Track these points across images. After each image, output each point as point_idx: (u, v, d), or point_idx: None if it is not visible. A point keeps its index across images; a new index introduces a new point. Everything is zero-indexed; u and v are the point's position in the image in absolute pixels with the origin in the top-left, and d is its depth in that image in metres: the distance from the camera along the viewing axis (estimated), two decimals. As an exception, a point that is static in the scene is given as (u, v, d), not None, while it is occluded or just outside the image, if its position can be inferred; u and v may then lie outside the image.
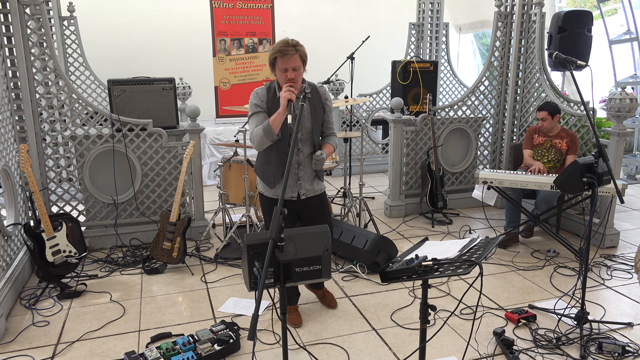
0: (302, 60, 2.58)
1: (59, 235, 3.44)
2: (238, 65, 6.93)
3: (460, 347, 2.77)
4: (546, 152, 4.34)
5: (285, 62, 2.53)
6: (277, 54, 2.53)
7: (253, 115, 2.69)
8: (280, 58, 2.53)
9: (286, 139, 2.68)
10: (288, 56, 2.52)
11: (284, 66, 2.54)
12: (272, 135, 2.56)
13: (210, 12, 6.73)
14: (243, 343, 2.80)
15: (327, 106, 2.82)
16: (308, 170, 2.81)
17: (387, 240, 3.82)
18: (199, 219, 4.47)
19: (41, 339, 2.90)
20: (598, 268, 3.82)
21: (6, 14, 3.59)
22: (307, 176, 2.81)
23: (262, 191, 2.87)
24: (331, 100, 2.85)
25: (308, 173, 2.81)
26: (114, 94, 4.17)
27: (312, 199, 2.86)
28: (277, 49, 2.54)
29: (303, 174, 2.80)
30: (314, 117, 2.74)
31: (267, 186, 2.81)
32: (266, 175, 2.80)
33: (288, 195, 2.80)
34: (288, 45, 2.53)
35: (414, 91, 6.13)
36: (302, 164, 2.78)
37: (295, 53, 2.53)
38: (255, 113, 2.68)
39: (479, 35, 9.55)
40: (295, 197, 2.81)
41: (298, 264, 1.78)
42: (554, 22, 5.02)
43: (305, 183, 2.81)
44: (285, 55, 2.52)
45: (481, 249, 1.98)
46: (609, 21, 7.42)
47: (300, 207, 2.86)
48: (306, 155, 2.78)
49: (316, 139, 2.78)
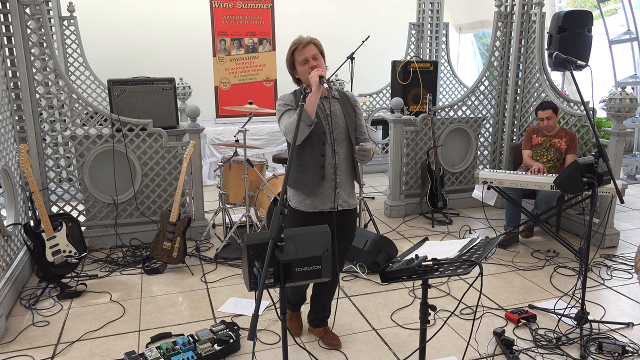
0: (319, 50, 2.49)
1: (59, 235, 3.44)
2: (238, 65, 6.93)
3: (460, 347, 2.77)
4: (545, 151, 4.34)
5: (303, 52, 2.45)
6: (292, 47, 2.48)
7: (284, 113, 2.51)
8: (297, 51, 2.46)
9: (320, 138, 2.47)
10: (302, 45, 2.45)
11: (303, 57, 2.45)
12: (309, 118, 2.34)
13: (210, 12, 6.73)
14: (243, 343, 2.80)
15: (357, 108, 2.64)
16: (346, 177, 2.55)
17: (387, 240, 3.82)
18: (199, 219, 4.47)
19: (41, 339, 2.90)
20: (598, 268, 3.82)
21: (6, 14, 3.59)
22: (345, 184, 2.56)
23: (297, 206, 2.55)
24: (359, 104, 2.71)
25: (346, 181, 2.56)
26: (114, 94, 4.18)
27: (346, 214, 2.61)
28: (291, 45, 2.50)
29: (341, 181, 2.53)
30: (348, 116, 2.55)
31: (306, 194, 2.51)
32: (303, 184, 2.51)
33: (326, 206, 2.52)
34: (302, 38, 2.49)
35: (414, 91, 6.13)
36: (339, 168, 2.52)
37: (310, 42, 2.46)
38: (286, 111, 2.51)
39: (479, 35, 9.55)
40: (333, 208, 2.52)
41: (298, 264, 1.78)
42: (554, 22, 5.02)
43: (343, 193, 2.54)
44: (300, 44, 2.46)
45: (481, 249, 1.98)
46: (609, 21, 7.42)
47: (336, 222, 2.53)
48: (343, 158, 2.53)
49: (353, 139, 2.56)
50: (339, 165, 2.51)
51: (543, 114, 4.25)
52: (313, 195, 2.50)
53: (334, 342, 2.80)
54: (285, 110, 2.51)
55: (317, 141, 2.46)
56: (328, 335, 2.83)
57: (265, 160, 4.62)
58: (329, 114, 2.50)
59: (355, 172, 2.63)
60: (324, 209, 2.53)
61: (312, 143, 2.46)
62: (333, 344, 2.79)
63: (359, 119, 2.65)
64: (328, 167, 2.49)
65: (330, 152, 2.48)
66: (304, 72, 2.47)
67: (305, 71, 2.46)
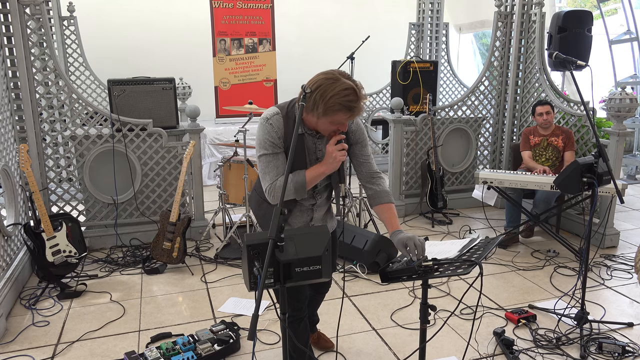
0: None
1: (59, 235, 3.44)
2: (238, 65, 6.93)
3: (460, 347, 2.77)
4: (544, 151, 4.35)
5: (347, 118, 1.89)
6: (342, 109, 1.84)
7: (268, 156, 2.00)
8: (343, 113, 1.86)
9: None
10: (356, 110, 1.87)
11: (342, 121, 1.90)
12: (304, 195, 2.00)
13: (210, 12, 6.73)
14: (243, 343, 2.80)
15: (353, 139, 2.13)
16: (322, 209, 2.23)
17: (387, 240, 3.82)
18: (199, 219, 4.47)
19: (41, 339, 2.90)
20: (598, 268, 3.82)
21: (6, 14, 3.59)
22: (320, 216, 2.24)
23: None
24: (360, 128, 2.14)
25: (322, 212, 2.24)
26: (114, 94, 4.17)
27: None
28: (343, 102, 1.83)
29: (317, 215, 2.22)
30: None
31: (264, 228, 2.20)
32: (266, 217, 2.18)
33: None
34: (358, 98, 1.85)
35: (414, 91, 6.13)
36: (318, 205, 2.20)
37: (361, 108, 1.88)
38: (271, 154, 1.99)
39: (479, 35, 9.55)
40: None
41: (298, 264, 1.78)
42: (554, 22, 5.01)
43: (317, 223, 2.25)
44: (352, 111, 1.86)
45: (481, 249, 1.98)
46: (609, 21, 7.42)
47: None
48: (324, 198, 2.22)
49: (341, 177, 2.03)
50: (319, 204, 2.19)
51: (542, 109, 4.28)
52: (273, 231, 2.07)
53: (327, 345, 2.80)
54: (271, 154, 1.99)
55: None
56: (321, 338, 2.82)
57: (265, 160, 4.61)
58: (319, 158, 2.07)
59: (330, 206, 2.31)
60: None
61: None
62: (326, 347, 2.79)
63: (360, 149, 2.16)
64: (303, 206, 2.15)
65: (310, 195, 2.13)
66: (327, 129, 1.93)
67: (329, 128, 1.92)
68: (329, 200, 2.28)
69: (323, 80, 1.86)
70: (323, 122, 1.90)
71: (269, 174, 2.01)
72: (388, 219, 2.10)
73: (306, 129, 2.03)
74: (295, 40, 7.76)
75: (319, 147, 2.08)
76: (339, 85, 1.83)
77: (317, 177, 1.98)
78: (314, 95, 1.85)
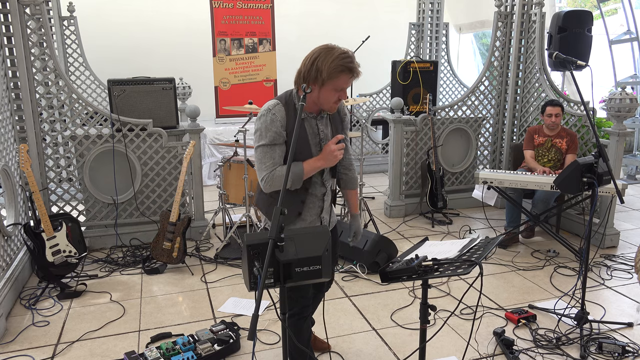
0: None
1: (59, 235, 3.44)
2: (238, 65, 6.93)
3: (460, 347, 2.77)
4: (547, 151, 4.34)
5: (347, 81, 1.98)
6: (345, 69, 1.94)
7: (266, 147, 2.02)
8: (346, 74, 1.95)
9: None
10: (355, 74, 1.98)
11: (344, 85, 1.98)
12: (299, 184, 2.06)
13: (210, 12, 6.73)
14: (243, 343, 2.80)
15: (345, 122, 2.25)
16: (329, 199, 2.27)
17: (387, 240, 3.82)
18: (199, 219, 4.47)
19: (41, 339, 2.90)
20: (598, 268, 3.82)
21: (6, 14, 3.59)
22: (329, 206, 2.27)
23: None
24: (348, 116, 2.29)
25: (328, 201, 2.27)
26: (114, 94, 4.17)
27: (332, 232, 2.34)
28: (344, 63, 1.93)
29: (326, 205, 2.24)
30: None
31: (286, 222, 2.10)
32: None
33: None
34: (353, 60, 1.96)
35: (414, 91, 6.13)
36: (327, 194, 2.24)
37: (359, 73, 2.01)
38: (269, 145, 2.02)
39: (479, 35, 9.55)
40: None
41: (298, 264, 1.78)
42: (554, 22, 5.01)
43: (326, 215, 2.27)
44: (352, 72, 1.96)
45: (481, 249, 1.98)
46: (609, 21, 7.42)
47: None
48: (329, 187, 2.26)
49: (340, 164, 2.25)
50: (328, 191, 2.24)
51: (553, 110, 4.23)
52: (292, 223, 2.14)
53: (323, 346, 2.79)
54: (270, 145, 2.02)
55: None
56: (317, 340, 2.80)
57: (265, 160, 4.61)
58: (322, 139, 2.12)
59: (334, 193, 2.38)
60: None
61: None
62: (322, 348, 2.79)
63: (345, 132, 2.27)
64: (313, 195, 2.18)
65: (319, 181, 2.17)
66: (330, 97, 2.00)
67: (331, 98, 2.00)
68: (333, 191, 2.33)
69: (319, 51, 1.97)
70: (326, 90, 1.97)
71: (265, 164, 2.04)
72: (353, 202, 2.43)
73: (307, 113, 2.10)
74: (295, 40, 7.75)
75: (321, 129, 2.13)
76: (336, 51, 1.95)
77: (313, 170, 2.06)
78: (314, 65, 1.94)
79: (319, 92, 1.99)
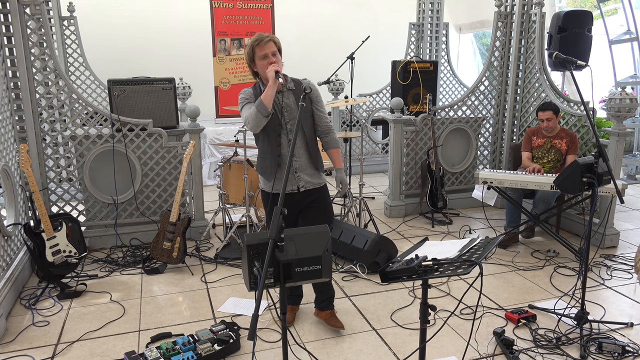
0: (277, 48, 2.67)
1: (59, 235, 3.44)
2: (238, 65, 6.93)
3: (460, 347, 2.77)
4: (546, 153, 4.33)
5: (263, 48, 2.62)
6: (254, 42, 2.65)
7: (245, 105, 2.73)
8: (257, 46, 2.63)
9: (276, 130, 2.71)
10: (263, 41, 2.63)
11: (262, 53, 2.63)
12: (266, 110, 2.56)
13: (210, 12, 6.73)
14: (243, 343, 2.80)
15: (313, 96, 2.79)
16: (305, 162, 2.77)
17: (387, 240, 3.82)
18: (199, 219, 4.47)
19: (41, 339, 2.90)
20: (598, 268, 3.82)
21: (6, 14, 3.59)
22: (304, 167, 2.77)
23: (262, 187, 2.87)
24: (317, 89, 2.81)
25: (304, 164, 2.77)
26: (114, 94, 4.17)
27: (312, 192, 2.80)
28: (252, 40, 2.68)
29: (299, 165, 2.76)
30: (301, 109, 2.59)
31: (267, 179, 2.80)
32: (264, 169, 2.80)
33: (288, 189, 2.76)
34: (261, 34, 2.68)
35: (414, 91, 6.13)
36: (297, 155, 2.76)
37: (270, 39, 2.64)
38: (246, 104, 2.73)
39: (479, 35, 9.55)
40: (295, 189, 2.77)
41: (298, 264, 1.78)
42: (554, 22, 5.02)
43: (303, 175, 2.77)
44: (261, 40, 2.63)
45: (481, 249, 1.98)
46: (609, 21, 7.42)
47: (301, 203, 2.80)
48: (299, 146, 2.77)
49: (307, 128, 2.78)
50: (296, 152, 2.75)
51: (543, 115, 4.23)
52: (272, 179, 2.76)
53: (338, 324, 2.94)
54: (246, 103, 2.74)
55: (273, 132, 2.71)
56: (334, 318, 2.97)
57: (265, 160, 4.62)
58: (283, 107, 2.72)
59: (315, 157, 2.81)
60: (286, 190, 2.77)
61: (269, 134, 2.71)
62: (337, 326, 2.93)
63: (316, 107, 2.81)
64: (284, 154, 2.74)
65: (286, 142, 2.73)
66: (263, 66, 2.64)
67: (264, 66, 2.63)
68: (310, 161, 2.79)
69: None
70: (259, 64, 2.66)
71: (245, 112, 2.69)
72: (335, 159, 2.88)
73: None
74: (295, 41, 7.76)
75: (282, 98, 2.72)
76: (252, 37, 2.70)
77: (268, 95, 2.56)
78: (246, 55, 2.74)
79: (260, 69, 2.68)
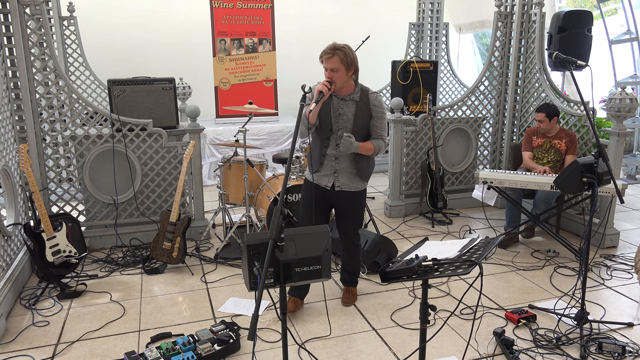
0: (341, 62, 2.78)
1: (59, 235, 3.44)
2: (238, 65, 6.93)
3: (460, 347, 2.77)
4: (545, 153, 4.34)
5: (325, 61, 2.81)
6: (321, 55, 2.83)
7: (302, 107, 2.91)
8: (323, 59, 2.84)
9: (326, 133, 2.95)
10: (325, 57, 2.80)
11: (324, 66, 2.83)
12: (307, 124, 2.85)
13: (210, 12, 6.73)
14: (243, 343, 2.80)
15: (374, 112, 2.97)
16: (347, 167, 3.00)
17: (387, 240, 3.82)
18: (199, 219, 4.47)
19: (41, 339, 2.90)
20: (598, 268, 3.82)
21: (6, 14, 3.59)
22: (345, 171, 3.01)
23: (306, 176, 3.15)
24: (382, 106, 2.98)
25: (347, 169, 3.00)
26: (114, 94, 4.18)
27: (346, 193, 3.03)
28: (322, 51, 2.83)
29: (340, 168, 3.00)
30: (357, 120, 2.93)
31: (310, 172, 3.06)
32: (311, 160, 3.08)
33: (323, 183, 3.03)
34: (329, 48, 2.81)
35: (414, 91, 6.13)
36: (340, 159, 2.98)
37: (333, 55, 2.77)
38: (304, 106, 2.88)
39: (479, 35, 9.55)
40: (329, 186, 3.02)
41: (298, 264, 1.78)
42: (554, 22, 5.02)
43: (342, 177, 3.01)
44: (324, 56, 2.82)
45: (481, 249, 1.98)
46: (609, 21, 7.42)
47: (335, 199, 3.05)
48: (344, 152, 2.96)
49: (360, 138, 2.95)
50: (340, 157, 2.98)
51: (537, 116, 4.28)
52: (314, 171, 3.04)
53: (348, 301, 3.27)
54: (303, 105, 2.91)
55: (323, 134, 2.97)
56: (348, 294, 3.31)
57: (265, 160, 4.62)
58: (340, 114, 2.93)
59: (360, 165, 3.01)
60: (321, 184, 3.04)
61: (321, 134, 2.98)
62: (344, 300, 3.28)
63: (375, 120, 3.00)
64: (329, 155, 3.00)
65: (334, 144, 2.97)
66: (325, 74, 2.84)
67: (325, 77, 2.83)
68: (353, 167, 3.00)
69: None
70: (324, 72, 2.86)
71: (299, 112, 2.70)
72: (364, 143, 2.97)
73: (334, 93, 2.91)
74: (295, 41, 7.76)
75: (341, 106, 2.93)
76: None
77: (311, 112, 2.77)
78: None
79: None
